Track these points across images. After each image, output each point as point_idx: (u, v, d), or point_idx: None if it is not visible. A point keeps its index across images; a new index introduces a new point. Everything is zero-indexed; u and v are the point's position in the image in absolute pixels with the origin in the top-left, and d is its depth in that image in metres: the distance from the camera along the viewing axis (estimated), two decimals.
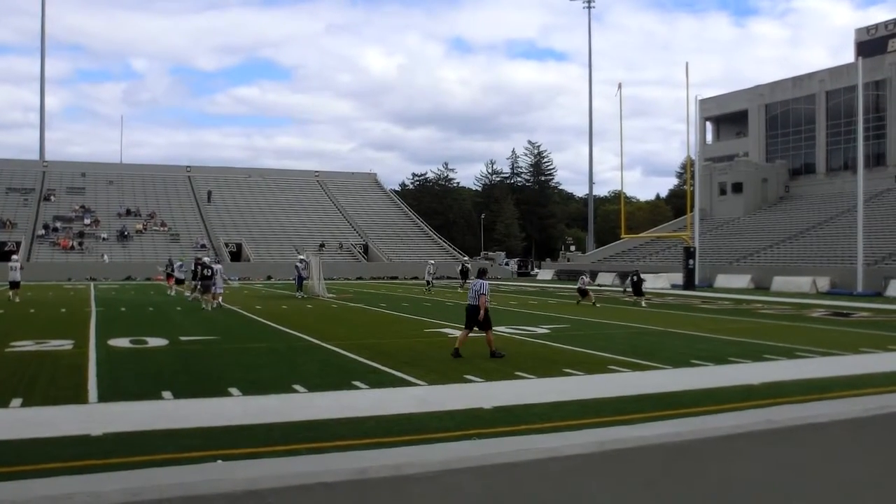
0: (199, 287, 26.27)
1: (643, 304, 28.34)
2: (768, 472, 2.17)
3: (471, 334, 13.89)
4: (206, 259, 28.21)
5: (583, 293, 29.37)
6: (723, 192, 66.19)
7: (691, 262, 43.52)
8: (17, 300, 27.64)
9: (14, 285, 28.42)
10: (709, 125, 76.33)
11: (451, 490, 1.75)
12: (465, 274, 40.63)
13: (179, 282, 32.43)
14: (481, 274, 14.40)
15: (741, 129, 72.68)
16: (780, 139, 68.15)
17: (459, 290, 38.01)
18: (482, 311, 13.41)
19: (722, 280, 45.40)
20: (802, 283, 39.96)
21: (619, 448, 2.02)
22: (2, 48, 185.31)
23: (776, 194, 65.94)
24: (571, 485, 1.94)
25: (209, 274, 25.41)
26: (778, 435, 2.20)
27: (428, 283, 40.60)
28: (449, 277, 59.70)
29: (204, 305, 25.30)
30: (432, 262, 44.37)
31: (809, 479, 2.26)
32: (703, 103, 63.28)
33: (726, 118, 74.13)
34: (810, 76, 65.32)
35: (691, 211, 47.55)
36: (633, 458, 2.02)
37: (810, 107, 64.91)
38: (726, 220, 63.58)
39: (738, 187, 65.19)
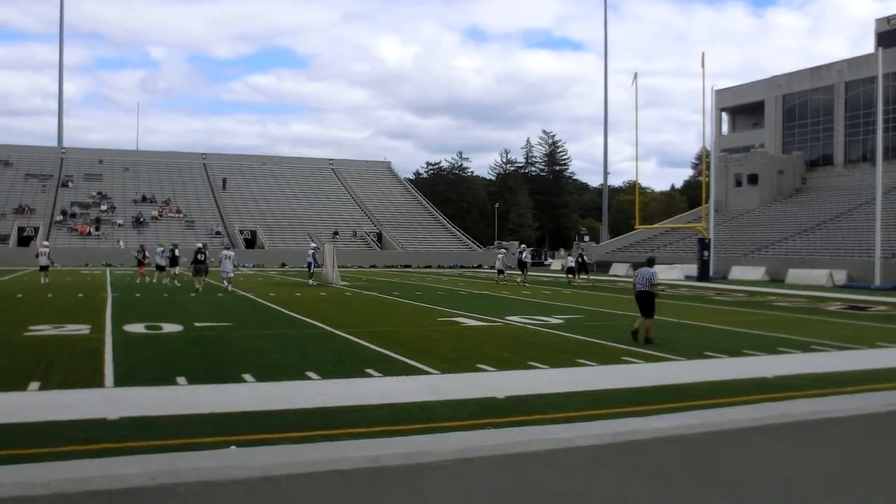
0: (192, 270, 28.49)
1: (577, 281, 29.01)
2: (784, 467, 2.16)
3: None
4: (200, 245, 30.88)
5: (500, 272, 31.82)
6: (738, 183, 65.72)
7: (706, 253, 43.29)
8: (47, 281, 30.06)
9: (43, 269, 30.87)
10: (724, 116, 75.79)
11: (465, 479, 1.75)
12: (523, 265, 38.73)
13: (160, 268, 32.37)
14: (650, 263, 15.09)
15: (757, 120, 72.08)
16: (797, 130, 67.58)
17: (519, 282, 36.30)
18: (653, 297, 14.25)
19: (737, 272, 45.16)
20: (819, 275, 39.65)
21: (633, 440, 2.01)
22: (22, 36, 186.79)
23: (792, 186, 65.42)
24: (585, 476, 1.94)
25: (202, 259, 28.06)
26: (794, 429, 2.19)
27: (500, 272, 38.78)
28: (472, 267, 59.71)
29: (197, 286, 27.24)
30: (502, 252, 43.58)
31: (825, 474, 2.25)
32: (719, 94, 62.81)
33: (742, 109, 73.54)
34: (829, 67, 64.65)
35: (706, 202, 47.27)
36: (648, 450, 2.02)
37: (828, 98, 64.29)
38: (742, 211, 63.17)
39: (753, 179, 64.73)
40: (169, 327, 15.81)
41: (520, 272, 37.02)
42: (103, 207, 66.85)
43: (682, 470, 2.06)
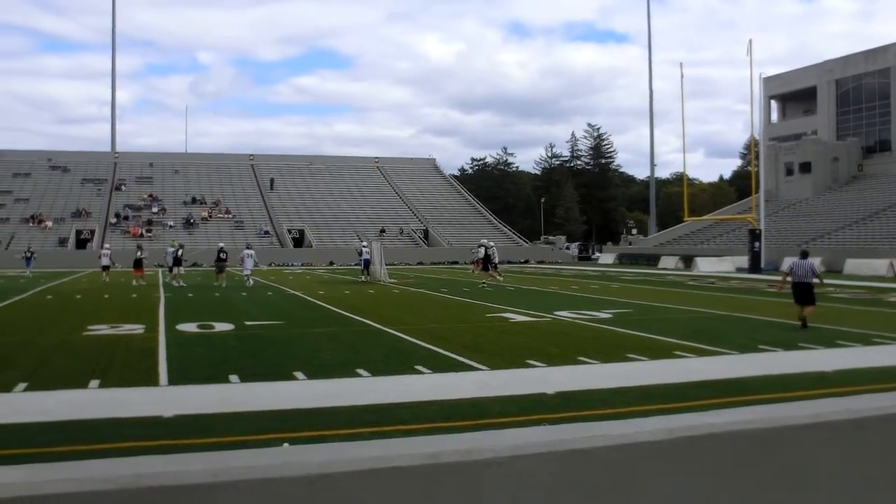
0: (216, 268, 31.02)
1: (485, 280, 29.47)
2: (847, 465, 2.11)
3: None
4: (221, 245, 33.82)
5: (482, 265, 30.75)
6: (790, 172, 64.37)
7: (757, 244, 42.52)
8: (107, 279, 32.75)
9: (105, 268, 33.95)
10: (774, 104, 74.28)
11: (521, 476, 1.75)
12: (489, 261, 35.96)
13: (170, 268, 32.04)
14: (805, 255, 16.10)
15: (809, 107, 70.46)
16: (851, 116, 65.87)
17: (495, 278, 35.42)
18: (813, 288, 15.33)
19: (788, 263, 44.24)
20: (878, 265, 38.56)
21: (689, 436, 1.98)
22: (78, 47, 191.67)
23: (848, 173, 63.80)
24: (641, 473, 1.92)
25: (223, 258, 30.59)
26: (859, 426, 2.13)
27: (495, 266, 37.43)
28: (519, 262, 59.55)
29: (219, 282, 29.64)
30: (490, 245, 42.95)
31: (892, 472, 2.19)
32: (768, 81, 61.59)
33: (792, 96, 71.96)
34: (885, 49, 62.81)
35: (756, 192, 46.41)
36: (703, 447, 1.99)
37: (885, 81, 62.46)
38: (794, 201, 61.86)
39: (806, 167, 63.31)
40: (220, 326, 16.06)
41: (486, 268, 32.50)
42: (154, 209, 68.20)
43: (740, 467, 2.02)
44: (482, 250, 31.52)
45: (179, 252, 32.24)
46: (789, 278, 15.82)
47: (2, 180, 71.09)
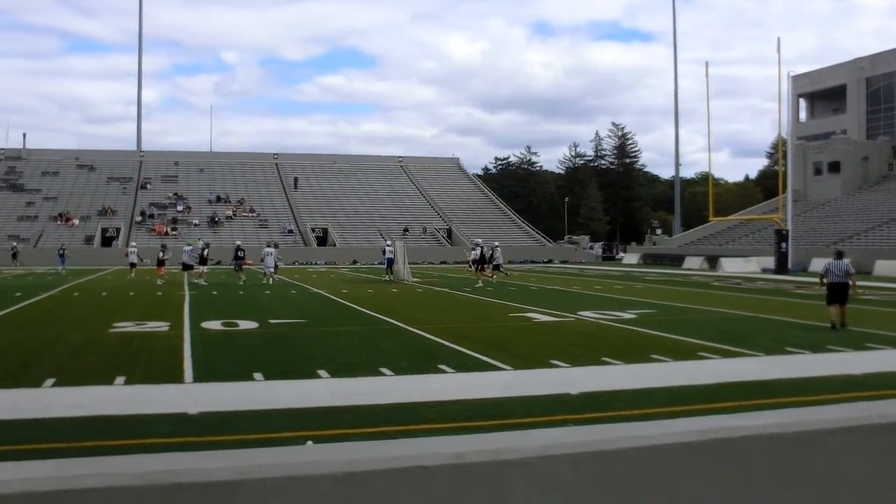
0: (234, 266, 32.19)
1: (479, 281, 29.85)
2: (881, 469, 2.07)
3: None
4: (238, 243, 35.31)
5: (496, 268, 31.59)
6: (818, 171, 63.62)
7: (784, 245, 42.08)
8: (133, 276, 33.24)
9: (132, 266, 34.79)
10: (802, 102, 73.49)
11: (548, 477, 1.73)
12: (483, 261, 34.88)
13: (187, 267, 31.89)
14: (841, 255, 16.04)
15: (838, 106, 69.59)
16: (882, 114, 64.95)
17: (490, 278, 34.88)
18: (852, 289, 15.57)
19: (818, 264, 43.68)
20: None
21: (720, 438, 1.96)
22: (107, 47, 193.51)
23: (878, 173, 62.88)
24: (672, 474, 1.90)
25: (241, 255, 31.86)
26: (892, 430, 2.09)
27: (497, 267, 36.57)
28: (543, 262, 59.43)
29: (241, 280, 30.59)
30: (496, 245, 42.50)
31: None
32: (796, 80, 60.86)
33: (821, 94, 71.13)
34: None
35: (784, 192, 45.93)
36: (736, 449, 1.96)
37: None
38: (822, 201, 61.13)
39: (834, 167, 62.53)
40: (245, 324, 16.15)
41: (480, 267, 32.54)
42: (179, 208, 68.80)
43: (772, 469, 1.99)
44: (477, 250, 31.80)
45: (206, 251, 32.44)
46: (825, 279, 15.66)
47: (31, 179, 72.11)
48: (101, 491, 1.36)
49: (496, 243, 37.58)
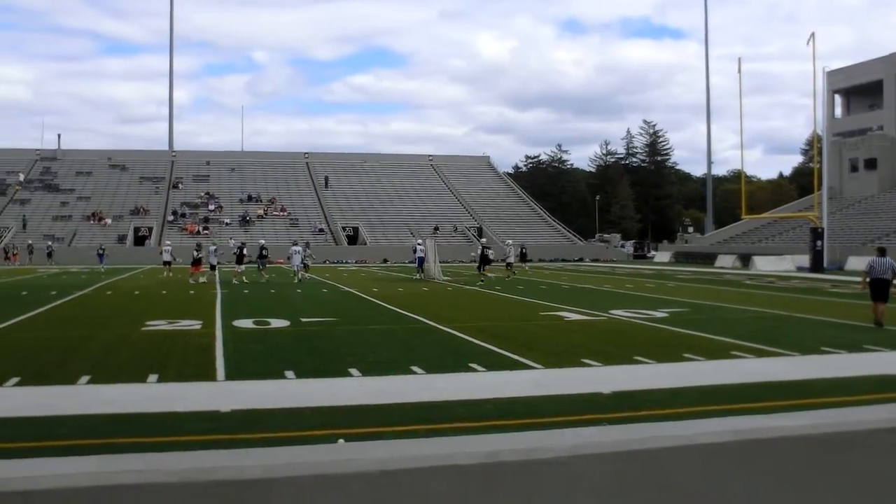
0: (258, 265, 33.00)
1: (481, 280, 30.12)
2: None
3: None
4: (262, 242, 36.19)
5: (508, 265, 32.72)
6: (854, 168, 62.66)
7: (819, 243, 41.48)
8: (170, 275, 33.90)
9: (167, 264, 35.39)
10: (837, 98, 72.38)
11: (582, 476, 1.72)
12: (486, 261, 34.31)
13: (213, 267, 32.00)
14: (884, 252, 16.09)
15: (875, 101, 68.40)
16: None
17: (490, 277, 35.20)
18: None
19: (854, 262, 43.01)
20: None
21: (757, 438, 1.93)
22: (138, 48, 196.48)
23: None
24: (705, 474, 1.87)
25: (265, 255, 33.00)
26: None
27: (509, 265, 34.87)
28: (574, 260, 59.17)
29: (263, 278, 31.51)
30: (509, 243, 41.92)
31: None
32: (831, 75, 59.96)
33: (857, 90, 69.98)
34: None
35: (818, 189, 45.27)
36: (772, 450, 1.93)
37: None
38: (858, 198, 60.19)
39: (871, 163, 61.50)
40: (276, 322, 16.26)
41: (482, 267, 32.36)
42: (211, 207, 69.51)
43: (809, 472, 1.96)
44: (479, 249, 32.50)
45: (243, 250, 32.74)
46: (868, 278, 15.50)
47: (65, 179, 73.28)
48: (140, 487, 1.37)
49: (509, 241, 37.90)
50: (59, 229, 62.53)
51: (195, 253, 31.67)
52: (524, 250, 45.38)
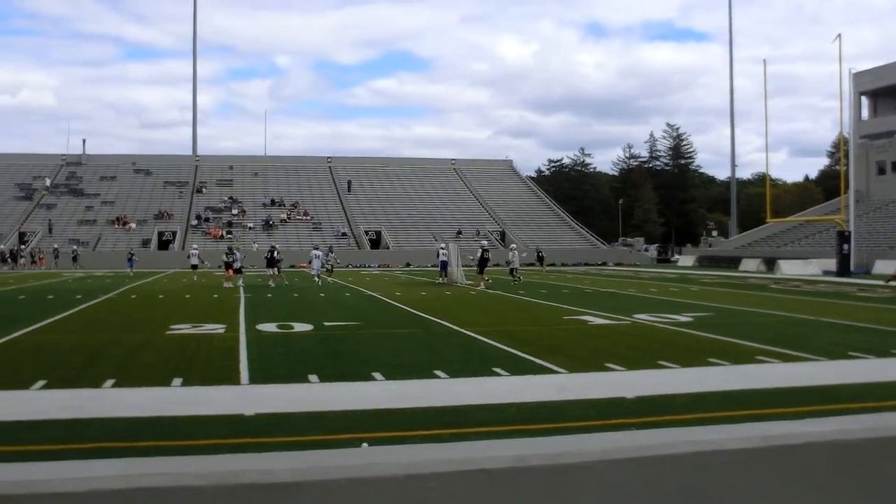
0: (276, 269, 32.77)
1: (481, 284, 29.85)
2: None
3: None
4: (273, 244, 35.92)
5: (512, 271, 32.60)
6: (881, 171, 61.93)
7: (846, 246, 41.01)
8: (196, 279, 34.42)
9: (194, 267, 35.95)
10: (864, 100, 71.48)
11: (609, 481, 1.71)
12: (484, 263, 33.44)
13: (238, 271, 31.98)
14: None
15: None
16: None
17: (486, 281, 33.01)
18: None
19: (881, 266, 42.48)
20: None
21: (784, 444, 1.91)
22: (162, 53, 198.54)
23: None
24: (733, 479, 1.86)
25: (278, 258, 32.65)
26: None
27: (513, 270, 34.27)
28: (597, 264, 58.95)
29: (284, 283, 31.84)
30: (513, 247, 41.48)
31: None
32: (858, 77, 59.25)
33: (885, 91, 69.06)
34: None
35: (845, 192, 44.75)
36: (801, 455, 1.91)
37: None
38: (886, 201, 59.44)
39: None
40: (300, 326, 16.32)
41: (481, 271, 31.95)
42: (234, 211, 69.99)
43: (838, 477, 1.94)
44: (479, 252, 32.09)
45: (275, 253, 32.96)
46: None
47: (90, 184, 74.16)
48: (169, 490, 1.38)
49: (514, 245, 38.02)
50: (84, 233, 63.28)
51: (226, 257, 32.14)
52: (541, 254, 45.79)
